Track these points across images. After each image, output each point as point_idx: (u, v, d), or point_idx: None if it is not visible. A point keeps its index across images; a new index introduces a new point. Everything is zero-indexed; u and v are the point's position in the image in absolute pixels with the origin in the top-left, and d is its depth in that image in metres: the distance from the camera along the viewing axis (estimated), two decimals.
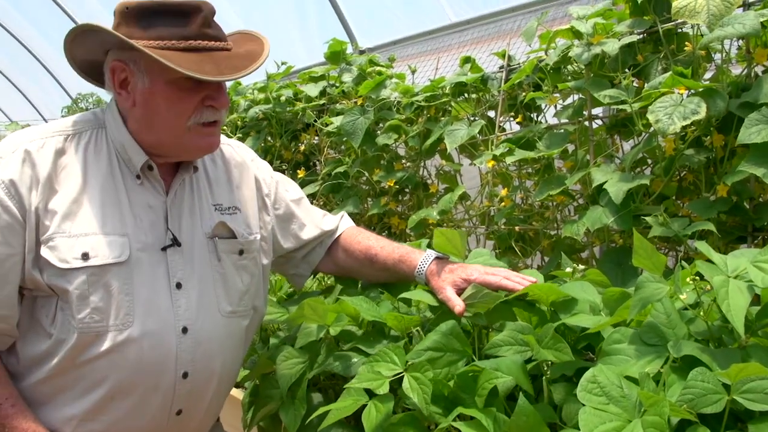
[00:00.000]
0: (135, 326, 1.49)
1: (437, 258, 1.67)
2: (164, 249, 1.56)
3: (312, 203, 1.95)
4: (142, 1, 1.50)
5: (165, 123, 1.54)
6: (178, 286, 1.56)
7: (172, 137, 1.56)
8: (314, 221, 1.87)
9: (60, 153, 1.53)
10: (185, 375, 1.56)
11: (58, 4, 9.68)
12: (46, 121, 11.72)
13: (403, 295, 1.63)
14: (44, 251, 1.46)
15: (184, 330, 1.55)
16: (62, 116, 10.54)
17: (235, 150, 1.84)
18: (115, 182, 1.55)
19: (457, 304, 1.52)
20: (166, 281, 1.55)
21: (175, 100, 1.51)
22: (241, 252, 1.69)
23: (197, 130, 1.54)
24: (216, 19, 1.57)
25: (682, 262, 1.40)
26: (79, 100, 11.07)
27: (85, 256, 1.46)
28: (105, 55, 1.57)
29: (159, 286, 1.54)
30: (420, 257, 1.70)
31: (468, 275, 1.57)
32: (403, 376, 1.35)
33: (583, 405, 1.10)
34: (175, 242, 1.58)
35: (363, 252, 1.83)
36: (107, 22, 1.53)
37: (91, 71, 1.63)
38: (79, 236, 1.48)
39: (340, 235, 1.90)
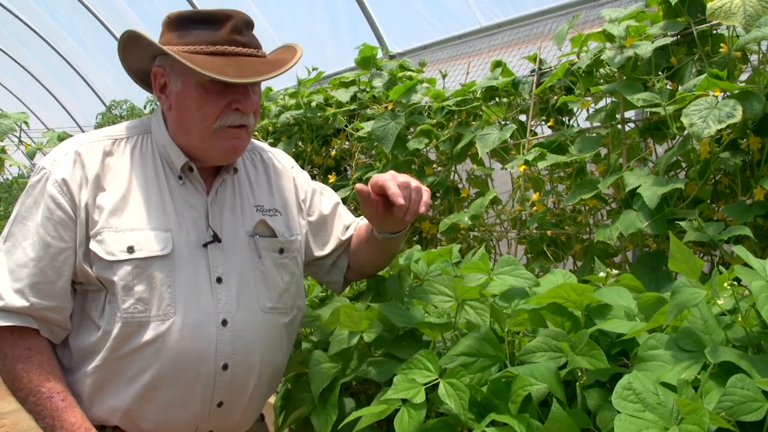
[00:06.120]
0: (176, 317, 1.56)
1: None
2: (205, 245, 1.63)
3: None
4: (180, 11, 1.61)
5: (194, 125, 1.61)
6: (219, 280, 1.62)
7: (200, 140, 1.62)
8: (339, 232, 1.90)
9: (108, 155, 1.63)
10: (225, 367, 1.60)
11: (93, 14, 9.83)
12: (81, 128, 11.91)
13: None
14: (93, 245, 1.55)
15: (224, 322, 1.60)
16: (97, 122, 10.74)
17: (276, 157, 1.90)
18: (159, 182, 1.64)
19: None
20: (207, 275, 1.61)
21: (202, 103, 1.58)
22: (281, 251, 1.74)
23: (223, 133, 1.61)
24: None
25: (719, 266, 1.38)
26: (113, 107, 11.23)
27: (131, 249, 1.55)
28: (152, 62, 1.66)
29: (200, 279, 1.60)
30: None
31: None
32: (437, 382, 1.34)
33: (618, 412, 1.09)
34: (216, 239, 1.64)
35: (356, 236, 1.88)
36: (144, 31, 1.59)
37: (146, 78, 1.72)
38: (125, 231, 1.56)
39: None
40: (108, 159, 1.63)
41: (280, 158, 1.91)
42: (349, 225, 1.92)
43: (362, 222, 1.94)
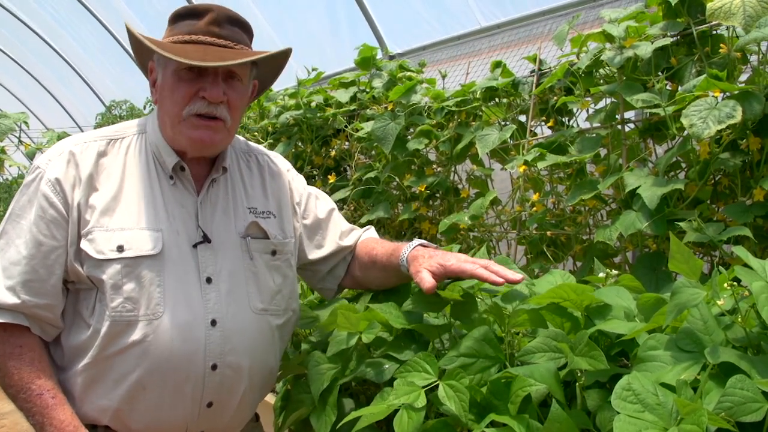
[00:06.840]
0: (165, 316, 1.56)
1: (421, 245, 1.67)
2: (195, 246, 1.63)
3: (342, 208, 1.97)
4: (178, 8, 1.66)
5: (168, 113, 1.64)
6: (208, 280, 1.63)
7: (171, 126, 1.65)
8: (336, 237, 1.89)
9: (102, 155, 1.65)
10: (214, 367, 1.60)
11: (92, 14, 9.82)
12: (80, 129, 11.90)
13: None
14: (84, 244, 1.56)
15: (213, 323, 1.60)
16: (96, 123, 10.73)
17: (272, 160, 1.91)
18: (151, 182, 1.65)
19: (427, 280, 1.50)
20: (197, 275, 1.62)
21: (174, 89, 1.61)
22: (273, 252, 1.74)
23: (190, 121, 1.62)
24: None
25: (719, 267, 1.37)
26: (112, 107, 11.20)
27: (120, 249, 1.56)
28: None
29: (189, 279, 1.60)
30: (405, 245, 1.69)
31: (445, 261, 1.53)
32: (436, 384, 1.34)
33: (618, 412, 1.08)
34: (206, 239, 1.65)
35: (367, 254, 1.83)
36: (140, 30, 1.64)
37: None
38: (116, 230, 1.57)
39: (356, 246, 1.91)
40: (102, 159, 1.64)
41: (277, 161, 1.91)
42: (347, 231, 1.91)
43: (366, 236, 1.92)
